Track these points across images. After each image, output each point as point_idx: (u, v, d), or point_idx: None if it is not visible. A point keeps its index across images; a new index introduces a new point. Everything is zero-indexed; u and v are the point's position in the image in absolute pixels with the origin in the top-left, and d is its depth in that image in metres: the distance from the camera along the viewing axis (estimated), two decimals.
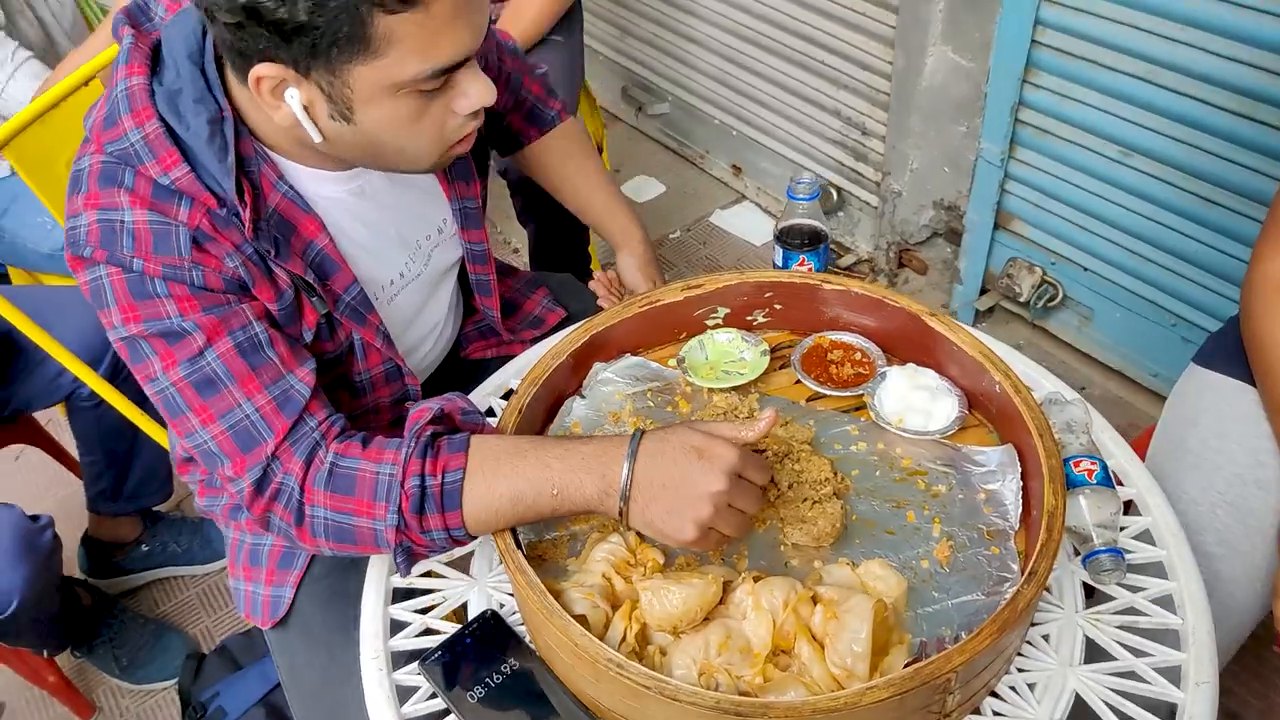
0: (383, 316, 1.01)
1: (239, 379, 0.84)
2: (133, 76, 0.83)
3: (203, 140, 0.82)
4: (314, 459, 0.85)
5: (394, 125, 0.82)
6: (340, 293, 0.95)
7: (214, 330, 0.83)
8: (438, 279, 1.12)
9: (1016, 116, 1.87)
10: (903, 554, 0.89)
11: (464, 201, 1.07)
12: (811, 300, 1.09)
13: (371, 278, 1.00)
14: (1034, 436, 0.89)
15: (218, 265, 0.83)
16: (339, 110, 0.80)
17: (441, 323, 1.16)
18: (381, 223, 1.00)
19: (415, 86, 0.80)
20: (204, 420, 0.84)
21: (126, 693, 1.69)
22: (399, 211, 1.02)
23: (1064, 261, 1.97)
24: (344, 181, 0.95)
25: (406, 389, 1.08)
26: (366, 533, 0.84)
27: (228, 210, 0.83)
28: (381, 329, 1.00)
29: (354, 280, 0.96)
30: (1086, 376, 2.09)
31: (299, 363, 0.88)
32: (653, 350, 1.12)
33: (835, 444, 1.00)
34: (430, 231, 1.07)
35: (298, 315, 0.91)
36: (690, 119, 2.80)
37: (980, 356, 0.98)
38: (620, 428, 1.02)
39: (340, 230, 0.95)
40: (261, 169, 0.88)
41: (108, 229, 0.81)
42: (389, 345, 1.01)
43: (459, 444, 0.85)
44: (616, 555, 0.86)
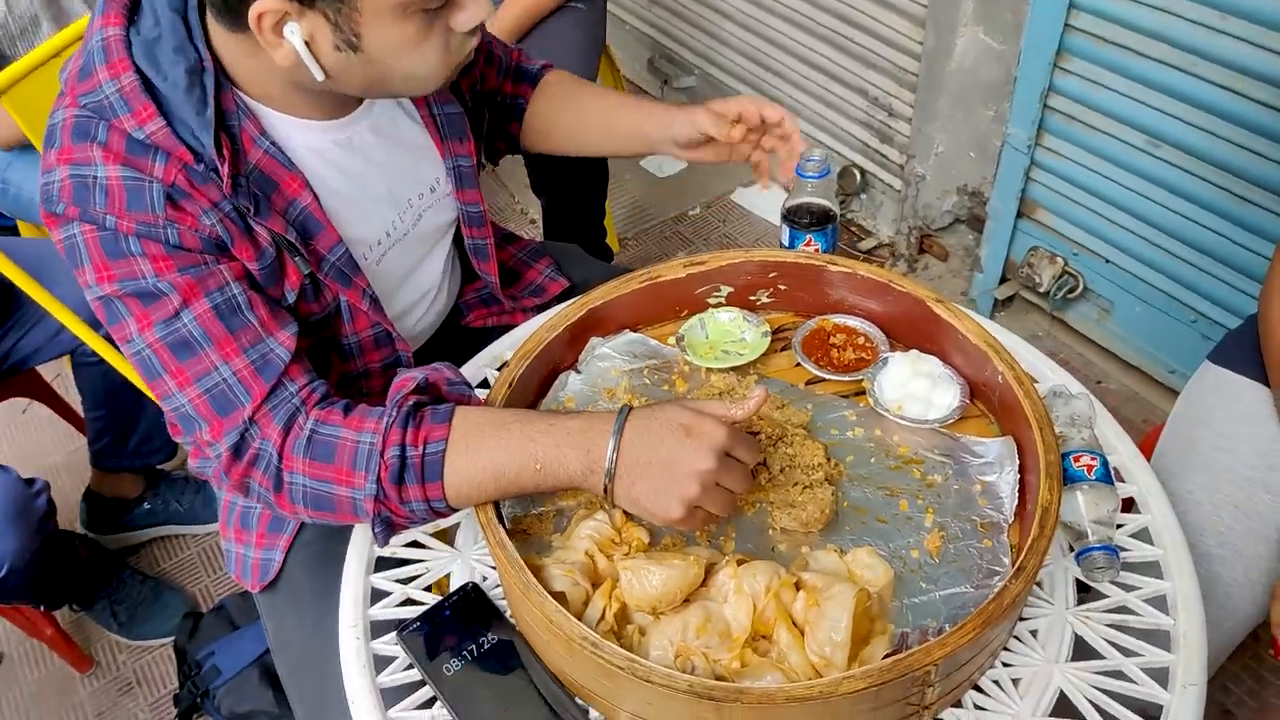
0: (370, 278, 1.00)
1: (216, 342, 0.83)
2: (108, 27, 0.81)
3: (181, 91, 0.80)
4: (293, 425, 0.84)
5: (401, 47, 0.80)
6: (324, 253, 0.93)
7: (190, 291, 0.82)
8: (430, 240, 1.10)
9: (1046, 102, 1.83)
10: (893, 543, 0.88)
11: (458, 159, 1.05)
12: (817, 282, 1.07)
13: (358, 236, 0.98)
14: (1034, 430, 0.87)
15: (193, 224, 0.82)
16: (345, 38, 0.78)
17: (435, 288, 1.15)
18: (369, 177, 0.98)
19: (420, 3, 0.78)
20: (180, 383, 0.83)
21: (123, 648, 1.71)
22: (388, 167, 1.00)
23: (1086, 253, 1.93)
24: (332, 131, 0.93)
25: (398, 354, 1.07)
26: (345, 501, 0.83)
27: (205, 166, 0.82)
28: (368, 292, 0.98)
29: (339, 240, 0.94)
30: (1104, 371, 2.05)
31: (279, 326, 0.87)
32: (652, 327, 1.10)
33: (831, 429, 0.98)
34: (422, 190, 1.05)
35: (280, 275, 0.89)
36: (716, 93, 2.76)
37: (984, 345, 0.95)
38: (614, 404, 1.01)
39: (325, 186, 0.94)
40: (243, 123, 0.86)
41: (80, 185, 0.80)
42: (376, 309, 1.00)
43: (442, 415, 0.84)
44: (601, 533, 0.85)
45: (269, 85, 0.87)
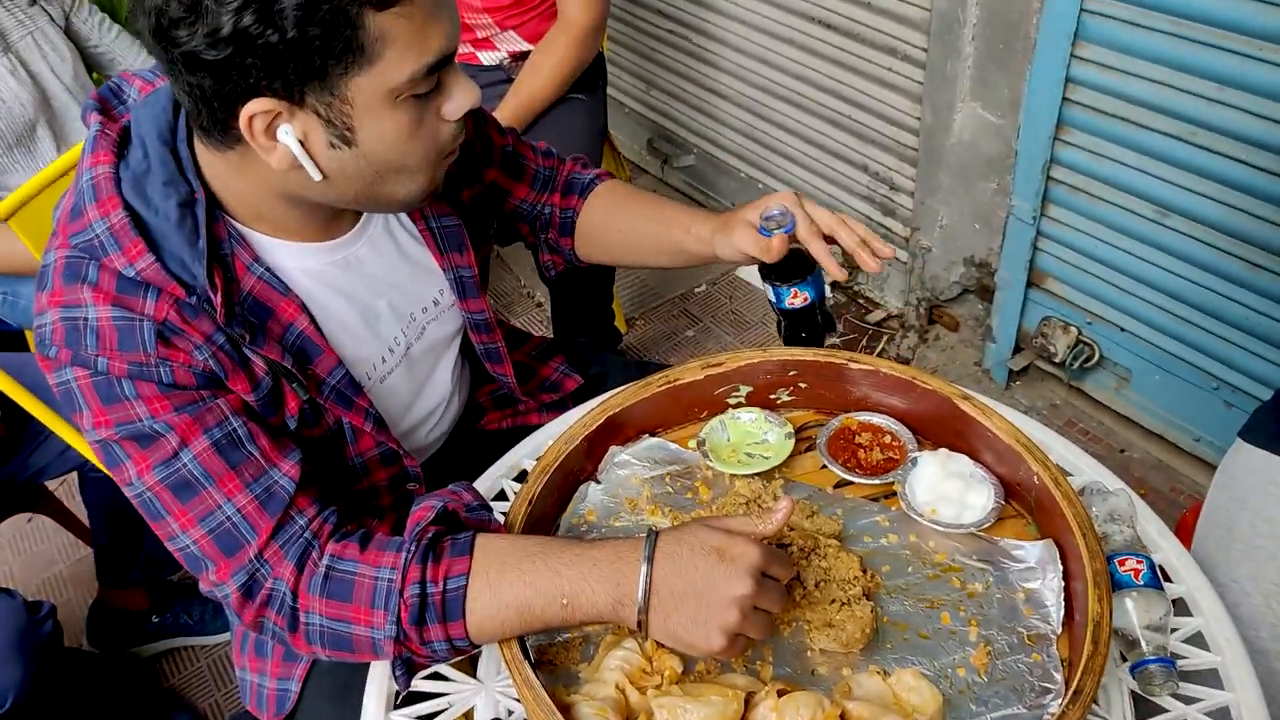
0: (374, 397, 0.97)
1: (218, 479, 0.80)
2: (98, 165, 0.81)
3: (172, 224, 0.79)
4: (307, 561, 0.81)
5: (395, 138, 0.78)
6: (324, 377, 0.91)
7: (188, 429, 0.80)
8: (437, 352, 1.08)
9: (1049, 174, 1.83)
10: (938, 661, 0.84)
11: (459, 271, 1.03)
12: (838, 379, 1.05)
13: (359, 357, 0.96)
14: (1076, 535, 0.84)
15: (186, 359, 0.80)
16: (339, 134, 0.76)
17: (445, 398, 1.12)
18: (368, 296, 0.96)
19: (411, 89, 0.77)
20: (183, 524, 0.80)
21: None
22: (388, 284, 0.98)
23: (1100, 321, 1.91)
24: (327, 252, 0.91)
25: (406, 470, 1.04)
26: (364, 641, 0.80)
27: (198, 298, 0.80)
28: (371, 412, 0.96)
29: (338, 363, 0.92)
30: (1126, 439, 2.02)
31: (283, 455, 0.84)
32: (672, 431, 1.08)
33: (864, 536, 0.95)
34: (425, 304, 1.03)
35: (279, 403, 0.87)
36: (716, 172, 2.78)
37: (1016, 444, 0.93)
38: (637, 516, 0.98)
39: (323, 309, 0.92)
40: (235, 250, 0.85)
41: (71, 328, 0.78)
42: (380, 429, 0.97)
43: (462, 546, 0.81)
44: (630, 663, 0.81)
45: (261, 207, 0.85)
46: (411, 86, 0.77)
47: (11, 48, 1.66)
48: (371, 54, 0.73)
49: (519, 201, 1.17)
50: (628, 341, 2.42)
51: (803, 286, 1.05)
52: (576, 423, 0.99)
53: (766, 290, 1.08)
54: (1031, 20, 1.72)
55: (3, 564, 2.09)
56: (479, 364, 1.18)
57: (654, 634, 0.78)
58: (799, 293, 1.05)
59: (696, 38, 2.56)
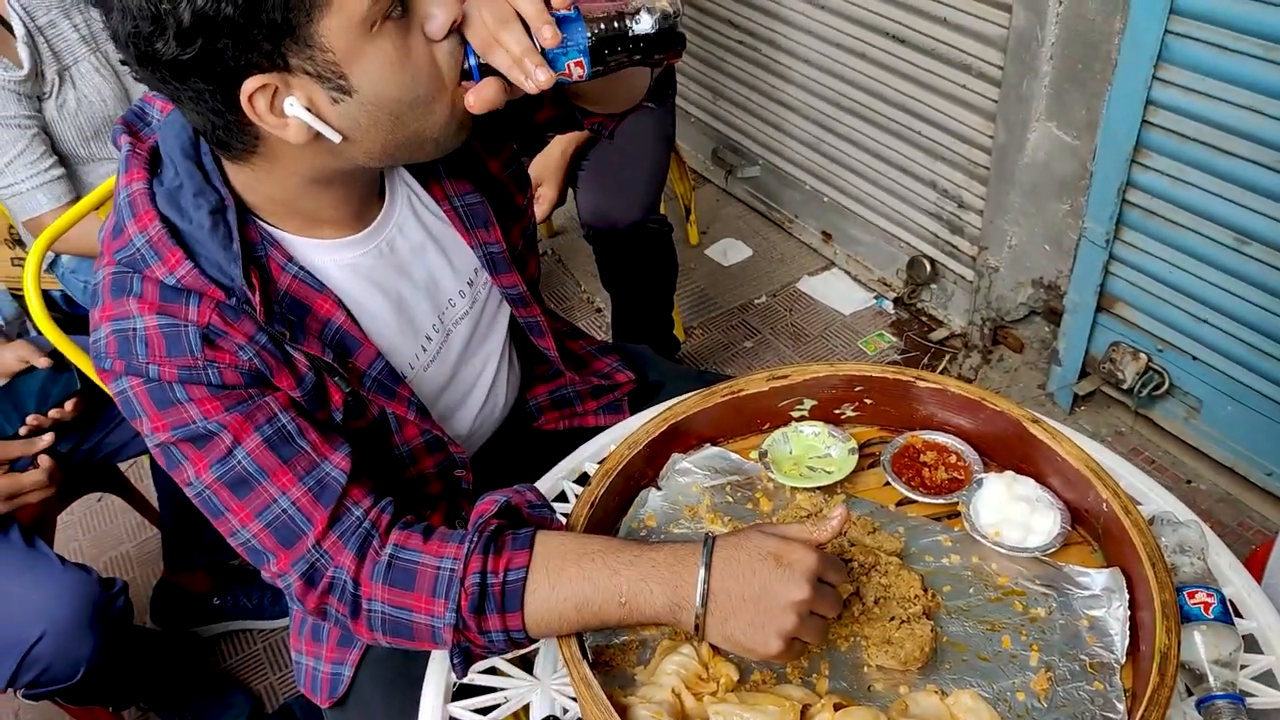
0: (415, 386, 0.99)
1: (271, 474, 0.82)
2: (133, 183, 0.83)
3: (206, 232, 0.81)
4: (368, 550, 0.83)
5: (388, 70, 0.76)
6: (364, 369, 0.92)
7: (240, 428, 0.82)
8: (480, 337, 1.08)
9: (1124, 197, 1.79)
10: (997, 684, 0.83)
11: (488, 248, 1.02)
12: (904, 397, 1.04)
13: (398, 347, 0.97)
14: (1145, 565, 0.82)
15: (232, 360, 0.82)
16: (335, 85, 0.75)
17: (491, 384, 1.12)
18: (403, 284, 0.97)
19: (380, 13, 0.74)
20: (242, 519, 0.83)
21: None
22: (422, 268, 0.98)
23: (1171, 349, 1.87)
24: (357, 245, 0.92)
25: (452, 457, 1.05)
26: (424, 629, 0.81)
27: (237, 300, 0.82)
28: (414, 400, 0.97)
29: (377, 355, 0.93)
30: (1194, 470, 1.97)
31: (333, 448, 0.86)
32: (734, 441, 1.08)
33: (926, 555, 0.94)
34: (462, 286, 1.03)
35: (323, 397, 0.89)
36: (780, 183, 2.78)
37: (1085, 470, 0.91)
38: (696, 524, 0.98)
39: (358, 303, 0.93)
40: (269, 252, 0.87)
41: (122, 339, 0.81)
42: (423, 416, 0.98)
43: (523, 540, 0.82)
44: (687, 669, 0.82)
45: (293, 204, 0.86)
46: (376, 9, 0.74)
47: (100, 48, 1.73)
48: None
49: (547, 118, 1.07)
50: (685, 350, 2.43)
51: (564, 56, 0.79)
52: (640, 428, 1.00)
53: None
54: (1113, 41, 1.69)
55: (73, 540, 2.16)
56: (531, 357, 1.18)
57: (711, 637, 0.79)
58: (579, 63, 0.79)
59: (766, 49, 2.57)
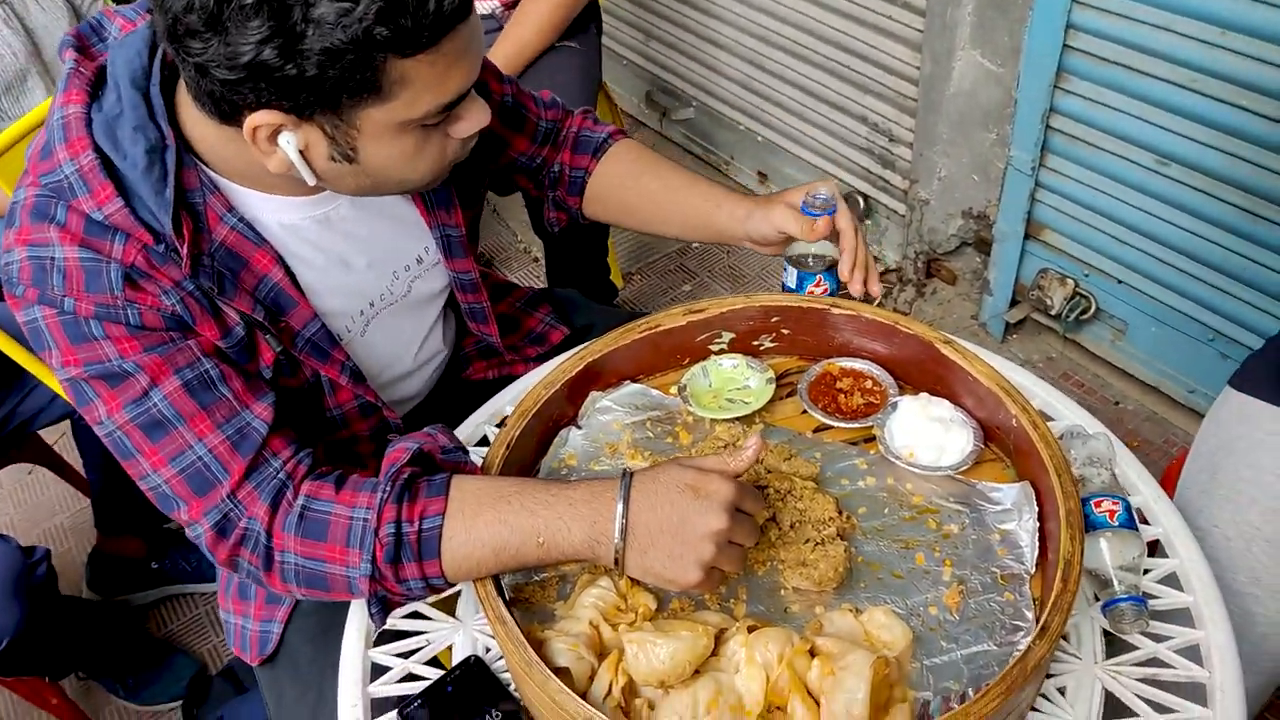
0: (353, 351, 0.97)
1: (189, 419, 0.80)
2: (69, 105, 0.79)
3: (140, 171, 0.78)
4: (281, 501, 0.81)
5: (398, 161, 0.79)
6: (298, 329, 0.90)
7: (158, 370, 0.79)
8: (421, 308, 1.08)
9: (1048, 124, 1.80)
10: (910, 599, 0.84)
11: (445, 229, 1.02)
12: (821, 325, 1.04)
13: (336, 310, 0.95)
14: (1052, 475, 0.84)
15: (154, 302, 0.79)
16: (342, 151, 0.77)
17: (431, 354, 1.12)
18: (349, 252, 0.95)
19: (421, 122, 0.77)
20: (154, 463, 0.80)
21: (132, 714, 1.68)
22: (370, 241, 0.97)
23: (1097, 273, 1.89)
24: (307, 208, 0.90)
25: (386, 421, 1.04)
26: (339, 580, 0.80)
27: (165, 246, 0.79)
28: (348, 365, 0.95)
29: (313, 316, 0.91)
30: (1120, 391, 2.01)
31: (256, 397, 0.84)
32: (653, 377, 1.08)
33: (842, 479, 0.95)
34: (408, 261, 1.02)
35: (253, 353, 0.87)
36: (715, 124, 2.75)
37: (996, 388, 0.92)
38: (617, 460, 0.98)
39: (300, 261, 0.91)
40: (208, 200, 0.84)
41: (38, 266, 0.78)
42: (357, 381, 0.97)
43: (438, 486, 0.81)
44: (606, 601, 0.82)
45: (239, 162, 0.84)
46: (424, 120, 0.77)
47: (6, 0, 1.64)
48: (388, 93, 0.73)
49: (518, 154, 1.15)
50: (623, 296, 2.42)
51: (827, 276, 1.07)
52: (556, 368, 0.99)
53: (788, 275, 1.09)
54: None
55: (3, 515, 2.11)
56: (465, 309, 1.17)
57: (630, 570, 0.79)
58: (822, 282, 1.07)
59: None
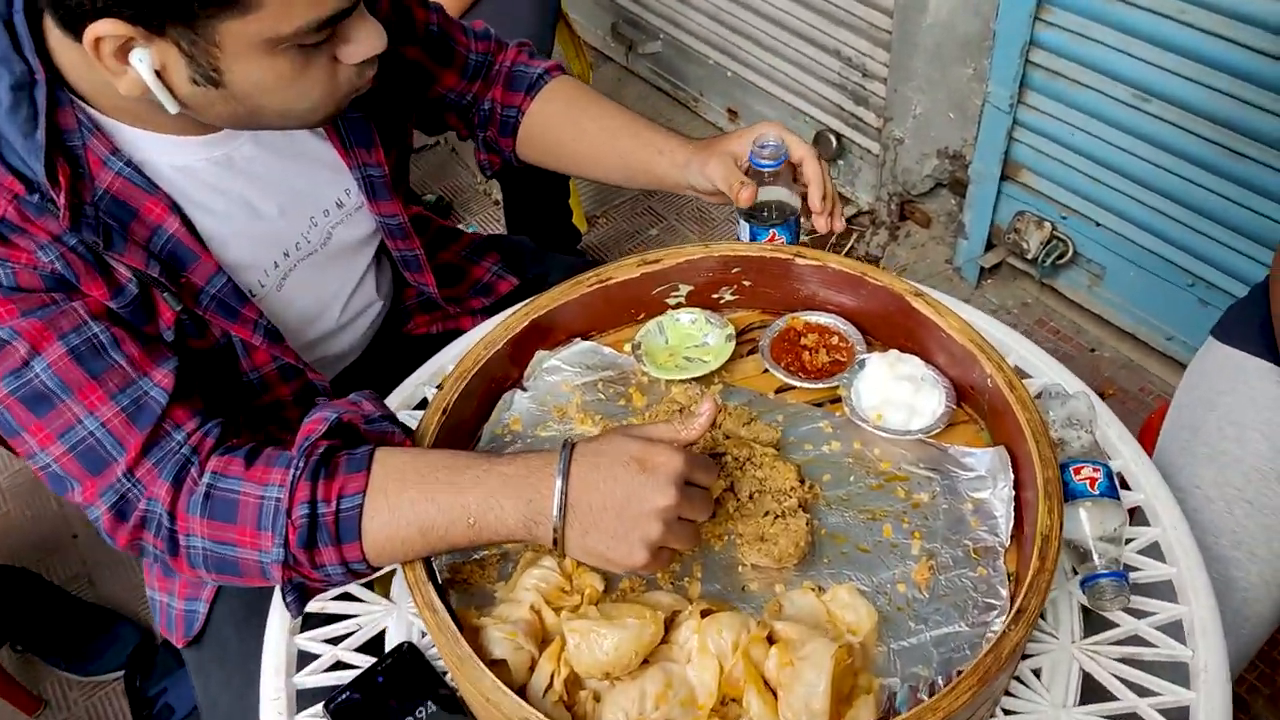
0: (267, 307, 0.89)
1: (76, 390, 0.72)
2: None
3: (4, 111, 0.69)
4: (185, 479, 0.73)
5: (273, 85, 0.70)
6: (201, 285, 0.82)
7: (39, 336, 0.71)
8: (347, 257, 0.99)
9: (1027, 57, 1.71)
10: (876, 576, 0.79)
11: (367, 169, 0.94)
12: (784, 277, 0.97)
13: (245, 263, 0.87)
14: (1029, 441, 0.78)
15: (30, 260, 0.70)
16: (203, 73, 0.68)
17: (362, 307, 1.04)
18: (257, 198, 0.87)
19: (295, 41, 0.68)
20: (41, 441, 0.72)
21: (74, 685, 1.61)
22: (280, 184, 0.88)
23: (1075, 216, 1.83)
24: (205, 148, 0.81)
25: (312, 385, 0.96)
26: (251, 565, 0.73)
27: (41, 196, 0.70)
28: (262, 323, 0.87)
29: (217, 270, 0.82)
30: (1097, 338, 1.96)
31: (155, 363, 0.75)
32: (605, 334, 1.00)
33: (805, 444, 0.89)
34: (327, 206, 0.93)
35: (150, 313, 0.78)
36: (683, 59, 2.63)
37: (970, 344, 0.86)
38: (566, 425, 0.91)
39: (199, 208, 0.82)
40: (88, 142, 0.74)
41: None
42: (274, 342, 0.89)
43: (359, 461, 0.73)
44: (548, 582, 0.76)
45: (117, 101, 0.74)
46: (296, 38, 0.68)
47: None
48: (249, 3, 0.64)
49: (446, 90, 1.06)
50: (588, 241, 2.32)
51: (781, 230, 1.00)
52: (499, 325, 0.91)
53: (740, 229, 1.02)
54: None
55: None
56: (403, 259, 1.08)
57: (571, 552, 0.72)
58: (776, 236, 1.00)
59: None
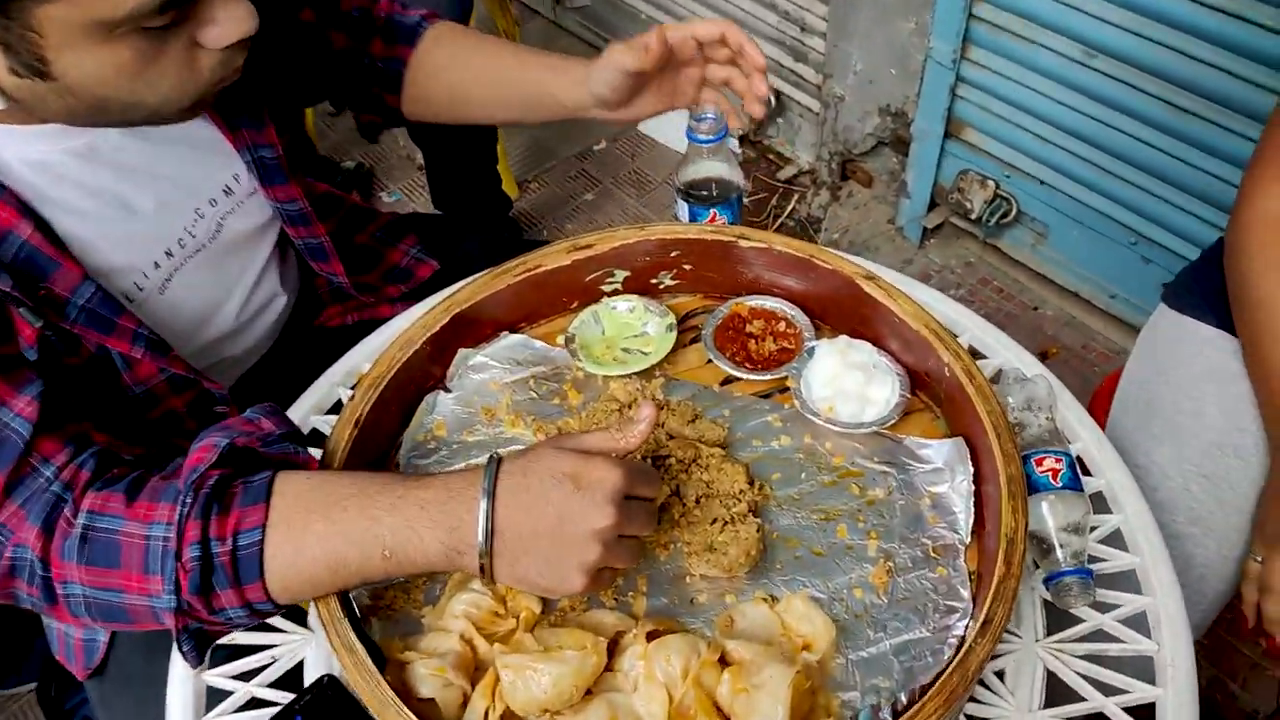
0: (148, 314, 0.80)
1: None
2: None
3: None
4: (56, 521, 0.64)
5: (111, 77, 0.61)
6: (67, 296, 0.72)
7: None
8: (242, 250, 0.90)
9: (970, 11, 1.66)
10: (833, 581, 0.74)
11: (259, 151, 0.85)
12: (726, 259, 0.91)
13: (119, 266, 0.78)
14: (990, 435, 0.73)
15: None
16: (25, 63, 0.59)
17: (262, 301, 0.95)
18: (129, 192, 0.77)
19: (133, 24, 0.59)
20: None
21: None
22: (155, 174, 0.79)
23: (1019, 174, 1.79)
24: (61, 138, 0.71)
25: (210, 394, 0.87)
26: (142, 610, 0.65)
27: None
28: (141, 333, 0.78)
29: (84, 278, 0.73)
30: (1039, 296, 1.94)
31: (14, 389, 0.66)
32: (536, 325, 0.93)
33: (754, 439, 0.83)
34: (213, 194, 0.85)
35: (7, 332, 0.69)
36: (615, 12, 2.53)
37: (925, 330, 0.81)
38: (495, 428, 0.84)
39: (59, 208, 0.73)
40: None
41: None
42: (158, 354, 0.80)
43: (257, 491, 0.65)
44: (480, 607, 0.69)
45: None
46: (134, 21, 0.58)
47: None
48: None
49: (338, 51, 0.97)
50: (519, 208, 2.23)
51: (723, 210, 0.95)
52: (416, 323, 0.84)
53: (679, 209, 0.97)
54: None
55: None
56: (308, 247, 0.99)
57: (501, 580, 0.65)
58: (716, 215, 0.95)
59: None
